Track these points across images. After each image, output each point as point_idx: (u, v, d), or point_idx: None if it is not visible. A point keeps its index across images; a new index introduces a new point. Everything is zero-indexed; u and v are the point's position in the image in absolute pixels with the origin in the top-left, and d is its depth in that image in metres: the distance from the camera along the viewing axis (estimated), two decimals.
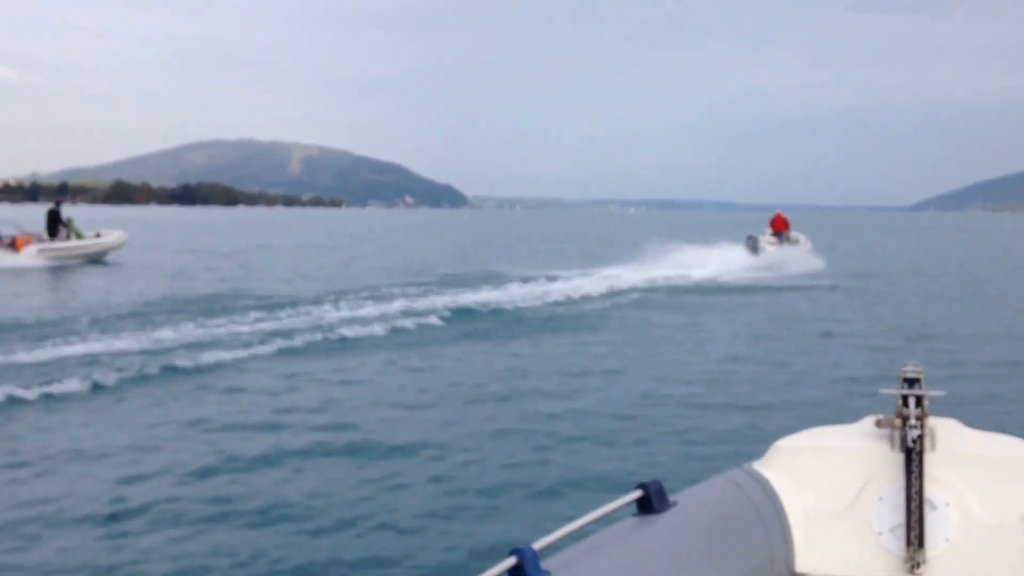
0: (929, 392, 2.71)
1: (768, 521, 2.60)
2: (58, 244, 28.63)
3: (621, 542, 2.32)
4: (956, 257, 42.13)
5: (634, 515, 2.51)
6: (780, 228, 31.76)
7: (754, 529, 2.56)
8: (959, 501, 2.57)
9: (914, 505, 2.53)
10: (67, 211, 30.66)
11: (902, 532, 2.56)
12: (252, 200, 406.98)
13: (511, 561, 2.02)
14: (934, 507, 2.56)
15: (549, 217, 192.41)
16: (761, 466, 2.82)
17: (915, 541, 2.52)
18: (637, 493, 2.50)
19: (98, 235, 30.50)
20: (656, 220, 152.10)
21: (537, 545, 2.10)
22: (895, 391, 2.74)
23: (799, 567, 2.61)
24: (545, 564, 2.10)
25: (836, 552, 2.61)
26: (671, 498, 2.58)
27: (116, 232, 31.63)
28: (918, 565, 2.51)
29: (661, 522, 2.45)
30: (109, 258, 30.62)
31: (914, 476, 2.56)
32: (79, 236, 29.52)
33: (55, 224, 29.04)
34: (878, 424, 2.76)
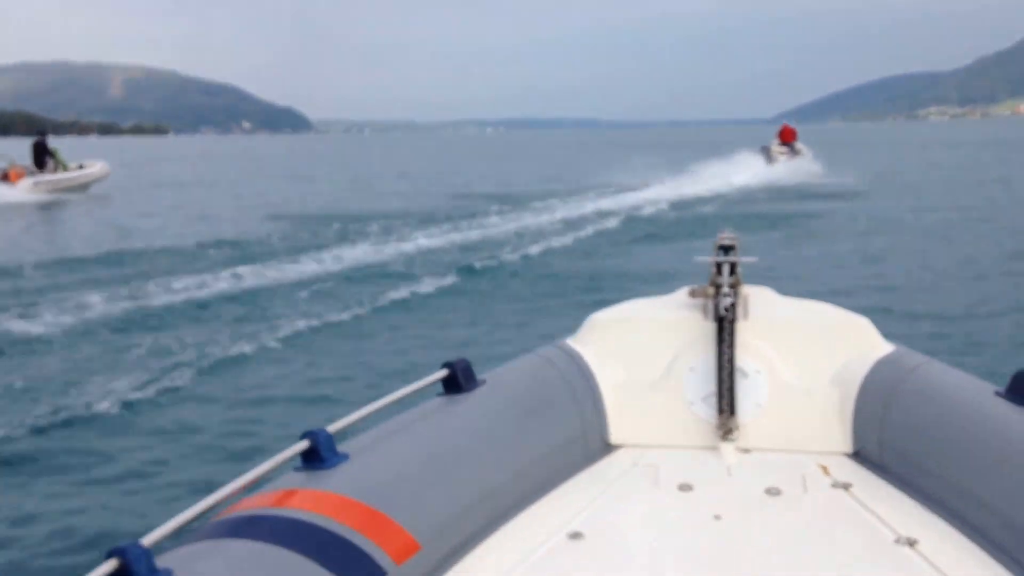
0: (743, 259, 2.84)
1: (580, 394, 2.69)
2: (49, 176, 27.70)
3: (424, 422, 2.36)
4: (912, 161, 44.51)
5: (440, 395, 2.54)
6: (788, 139, 34.55)
7: (566, 403, 2.64)
8: (770, 367, 2.71)
9: (725, 373, 2.65)
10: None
11: (714, 400, 2.67)
12: (61, 129, 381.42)
13: (303, 445, 2.03)
14: (745, 374, 2.69)
15: (413, 141, 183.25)
16: (574, 341, 2.90)
17: (727, 408, 2.64)
18: (442, 373, 2.52)
19: (81, 166, 29.58)
20: (533, 141, 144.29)
21: (332, 428, 2.11)
22: (709, 259, 2.85)
23: (613, 438, 2.71)
24: (342, 447, 2.11)
25: (649, 422, 2.72)
26: (480, 376, 2.61)
27: (99, 163, 30.65)
28: (730, 431, 2.63)
29: (468, 400, 2.49)
30: (93, 190, 29.69)
31: (725, 345, 2.68)
32: (65, 168, 28.61)
33: (42, 156, 28.00)
34: (692, 294, 2.88)
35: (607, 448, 2.69)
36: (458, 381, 2.52)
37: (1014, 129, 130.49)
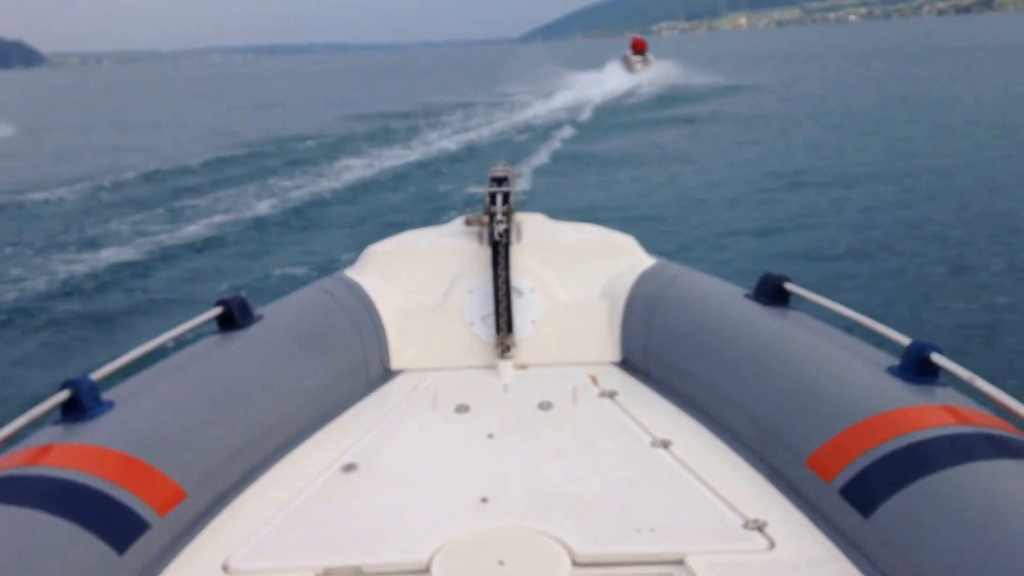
0: (515, 189, 2.99)
1: (360, 323, 2.72)
2: None
3: (197, 362, 2.30)
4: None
5: (214, 333, 2.50)
6: (640, 48, 39.38)
7: (346, 332, 2.66)
8: (543, 286, 2.87)
9: (502, 293, 2.77)
10: None
11: (492, 320, 2.80)
12: None
13: (63, 395, 1.92)
14: (521, 293, 2.84)
15: (157, 74, 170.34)
16: (353, 272, 2.93)
17: (504, 327, 2.76)
18: (217, 310, 2.47)
19: None
20: (295, 69, 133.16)
21: (96, 375, 2.02)
22: (483, 190, 2.98)
23: (394, 364, 2.76)
24: (108, 395, 2.03)
25: (430, 345, 2.80)
26: (257, 312, 2.59)
27: None
28: (508, 349, 2.76)
29: (244, 337, 2.45)
30: None
31: (501, 267, 2.78)
32: None
33: None
34: (467, 222, 3.00)
35: (388, 374, 2.74)
36: (233, 317, 2.48)
37: (762, 40, 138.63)
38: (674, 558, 1.76)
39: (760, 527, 1.84)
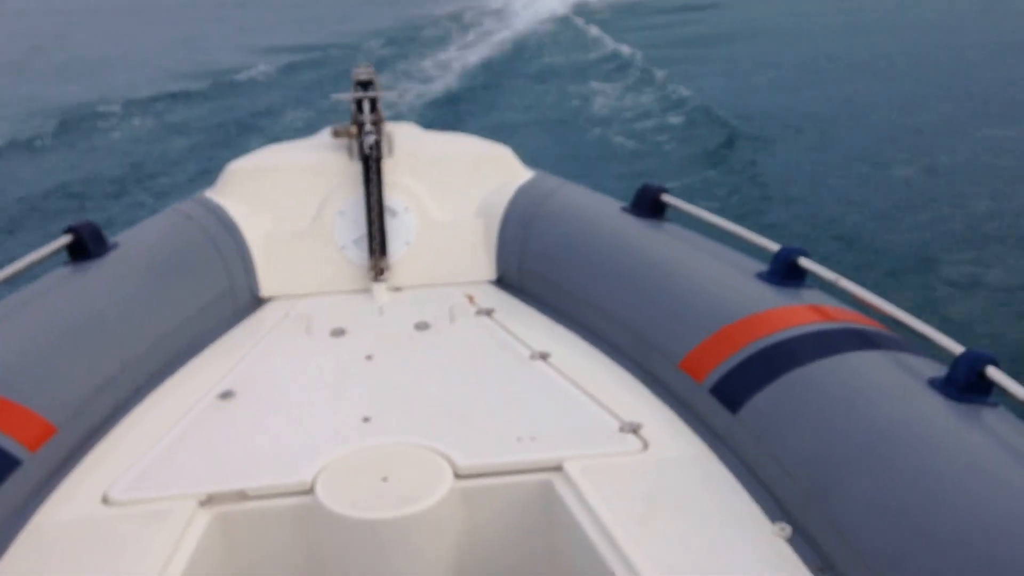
0: (383, 93, 2.84)
1: (225, 248, 2.61)
2: None
3: (50, 294, 2.21)
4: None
5: (65, 264, 2.38)
6: None
7: (210, 259, 2.56)
8: (418, 204, 2.78)
9: (375, 214, 2.68)
10: None
11: (364, 243, 2.71)
12: None
13: None
14: (394, 213, 2.74)
15: None
16: (214, 193, 2.79)
17: (377, 249, 2.68)
18: (65, 239, 2.37)
19: None
20: None
21: None
22: (347, 96, 2.83)
23: (264, 291, 2.66)
24: None
25: (301, 271, 2.70)
26: (112, 239, 2.47)
27: None
28: (382, 272, 2.69)
29: (99, 267, 2.35)
30: None
31: (373, 185, 2.68)
32: None
33: None
34: (335, 134, 2.83)
35: (257, 302, 2.66)
36: (85, 246, 2.37)
37: None
38: (552, 464, 1.83)
39: (635, 429, 1.92)
